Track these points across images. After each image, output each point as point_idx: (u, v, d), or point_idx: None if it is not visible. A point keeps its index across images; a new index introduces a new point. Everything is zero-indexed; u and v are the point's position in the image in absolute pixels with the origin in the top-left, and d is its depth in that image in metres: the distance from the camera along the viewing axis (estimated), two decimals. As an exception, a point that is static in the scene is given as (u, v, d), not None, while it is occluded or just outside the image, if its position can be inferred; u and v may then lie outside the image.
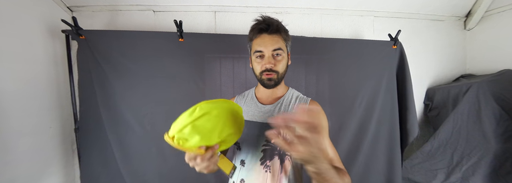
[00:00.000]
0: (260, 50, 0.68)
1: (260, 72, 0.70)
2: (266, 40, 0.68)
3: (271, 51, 0.67)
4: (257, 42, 0.69)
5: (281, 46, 0.68)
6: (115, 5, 1.31)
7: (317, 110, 0.42)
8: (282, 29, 0.69)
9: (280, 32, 0.69)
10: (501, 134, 1.25)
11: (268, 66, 0.67)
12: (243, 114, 0.74)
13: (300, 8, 1.43)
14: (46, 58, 1.16)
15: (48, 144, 1.15)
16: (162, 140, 1.38)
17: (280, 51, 0.68)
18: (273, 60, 0.68)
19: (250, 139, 0.72)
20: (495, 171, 1.25)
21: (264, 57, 0.69)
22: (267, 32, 0.68)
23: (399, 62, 1.43)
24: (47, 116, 1.15)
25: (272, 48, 0.67)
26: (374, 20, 1.54)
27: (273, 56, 0.68)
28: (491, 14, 1.51)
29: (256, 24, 0.70)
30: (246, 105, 0.79)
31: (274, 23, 0.68)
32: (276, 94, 0.77)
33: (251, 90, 0.86)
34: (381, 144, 1.41)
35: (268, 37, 0.68)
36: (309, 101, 0.75)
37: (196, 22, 1.39)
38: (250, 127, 0.72)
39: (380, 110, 1.39)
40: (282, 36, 0.69)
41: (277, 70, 0.69)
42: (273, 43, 0.67)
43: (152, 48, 1.23)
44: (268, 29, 0.67)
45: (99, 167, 1.24)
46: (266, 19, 0.68)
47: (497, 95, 1.27)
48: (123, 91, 1.22)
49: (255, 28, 0.69)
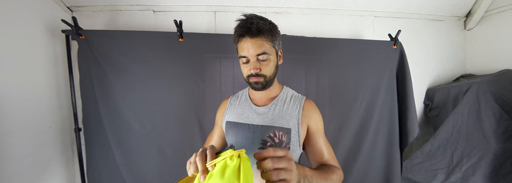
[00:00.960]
0: (244, 56, 0.65)
1: (247, 76, 0.68)
2: (249, 45, 0.63)
3: (255, 56, 0.64)
4: (240, 46, 0.66)
5: (266, 49, 0.64)
6: (115, 5, 1.31)
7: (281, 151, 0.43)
8: (264, 29, 0.63)
9: (263, 33, 0.63)
10: (501, 134, 1.25)
11: (253, 72, 0.65)
12: (238, 116, 0.73)
13: (300, 8, 1.43)
14: (46, 58, 1.16)
15: (48, 144, 1.15)
16: (162, 140, 1.37)
17: (264, 55, 0.64)
18: (258, 64, 0.65)
19: (245, 142, 0.69)
20: (495, 171, 1.25)
21: (249, 62, 0.66)
22: (248, 36, 0.63)
23: (399, 62, 1.43)
24: (47, 116, 1.15)
25: (255, 53, 0.63)
26: (374, 20, 1.54)
27: (258, 60, 0.65)
28: (491, 14, 1.51)
29: (236, 26, 0.65)
30: (240, 107, 0.77)
31: (253, 26, 0.61)
32: (270, 95, 0.75)
33: (244, 91, 0.83)
34: (381, 144, 1.41)
35: (250, 41, 0.63)
36: (304, 99, 0.73)
37: (196, 22, 1.39)
38: (245, 130, 0.70)
39: (380, 110, 1.39)
40: (266, 38, 0.64)
41: (263, 73, 0.66)
42: (256, 47, 0.63)
43: (152, 48, 1.23)
44: (249, 33, 0.62)
45: (99, 167, 1.24)
46: (247, 21, 0.63)
47: (497, 95, 1.27)
48: (123, 91, 1.22)
49: (236, 32, 0.65)
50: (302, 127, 0.68)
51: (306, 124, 0.69)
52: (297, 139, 0.67)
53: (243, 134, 0.70)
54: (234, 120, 0.73)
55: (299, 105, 0.71)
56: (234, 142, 0.71)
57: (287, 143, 0.66)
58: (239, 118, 0.73)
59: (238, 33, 0.64)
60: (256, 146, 0.67)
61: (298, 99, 0.73)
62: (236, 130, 0.72)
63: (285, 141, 0.66)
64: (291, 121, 0.68)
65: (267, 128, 0.67)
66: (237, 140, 0.71)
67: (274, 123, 0.67)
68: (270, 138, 0.66)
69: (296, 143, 0.67)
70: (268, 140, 0.66)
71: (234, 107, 0.78)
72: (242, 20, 0.64)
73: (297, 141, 0.67)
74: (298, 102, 0.72)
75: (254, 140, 0.68)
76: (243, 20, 0.64)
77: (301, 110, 0.69)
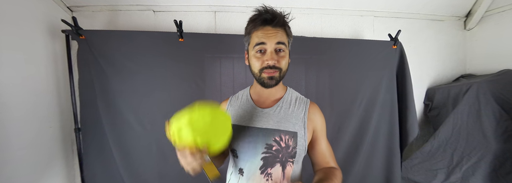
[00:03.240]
0: (263, 42, 0.59)
1: (260, 69, 0.61)
2: (270, 33, 0.59)
3: (274, 44, 0.59)
4: (258, 34, 0.60)
5: (285, 41, 0.61)
6: (115, 5, 1.31)
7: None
8: (287, 23, 0.62)
9: (285, 26, 0.61)
10: (501, 134, 1.25)
11: (271, 63, 0.59)
12: (239, 118, 0.68)
13: (300, 8, 1.43)
14: (46, 58, 1.16)
15: (48, 144, 1.15)
16: (162, 140, 1.37)
17: (283, 46, 0.60)
18: (276, 56, 0.60)
19: (248, 146, 0.64)
20: (495, 171, 1.25)
21: (266, 52, 0.60)
22: (271, 25, 0.59)
23: (399, 62, 1.43)
24: (47, 116, 1.15)
25: (276, 40, 0.59)
26: (374, 20, 1.54)
27: (276, 52, 0.60)
28: (491, 14, 1.51)
29: (257, 14, 0.61)
30: (242, 108, 0.70)
31: (280, 15, 0.60)
32: (275, 96, 0.70)
33: (245, 91, 0.76)
34: (380, 144, 1.41)
35: (272, 30, 0.59)
36: (309, 102, 0.70)
37: (196, 22, 1.39)
38: (247, 133, 0.64)
39: (380, 110, 1.39)
40: (287, 31, 0.62)
41: (280, 66, 0.61)
42: (277, 36, 0.59)
43: (152, 48, 1.23)
44: (274, 21, 0.59)
45: (99, 167, 1.24)
46: (268, 11, 0.60)
47: (497, 95, 1.27)
48: (123, 91, 1.22)
49: (257, 19, 0.60)
50: (308, 131, 0.65)
51: (311, 128, 0.66)
52: (304, 144, 0.64)
53: (245, 138, 0.65)
54: (235, 123, 0.68)
55: (304, 108, 0.67)
56: (235, 146, 0.66)
57: (294, 147, 0.62)
58: (241, 120, 0.68)
59: (261, 19, 0.60)
60: (260, 151, 0.62)
61: (303, 102, 0.70)
62: (238, 133, 0.66)
63: (292, 146, 0.62)
64: (297, 125, 0.64)
65: (272, 132, 0.62)
66: (239, 144, 0.65)
67: (279, 126, 0.63)
68: (276, 142, 0.62)
69: (302, 147, 0.63)
70: (273, 144, 0.62)
71: (235, 109, 0.72)
72: (263, 9, 0.61)
73: (303, 145, 0.64)
74: (303, 105, 0.68)
75: (258, 144, 0.63)
76: (264, 9, 0.61)
77: (307, 113, 0.67)
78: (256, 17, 0.61)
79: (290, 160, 0.62)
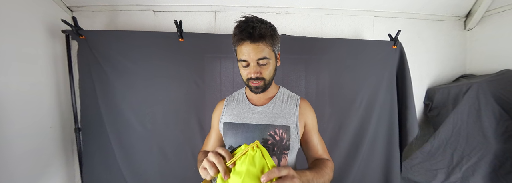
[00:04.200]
0: (245, 59, 0.64)
1: (246, 79, 0.68)
2: (249, 49, 0.62)
3: (255, 60, 0.63)
4: (240, 49, 0.64)
5: (266, 54, 0.64)
6: (115, 5, 1.31)
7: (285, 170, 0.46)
8: (266, 34, 0.62)
9: (264, 38, 0.62)
10: (501, 134, 1.25)
11: (254, 75, 0.65)
12: (236, 117, 0.74)
13: (300, 8, 1.43)
14: (46, 58, 1.16)
15: (48, 144, 1.16)
16: (162, 140, 1.36)
17: (265, 60, 0.64)
18: (259, 68, 0.65)
19: (244, 142, 0.68)
20: (495, 171, 1.25)
21: (249, 65, 0.65)
22: (249, 41, 0.61)
23: (399, 62, 1.43)
24: (47, 116, 1.15)
25: (256, 57, 0.62)
26: (374, 20, 1.54)
27: (259, 64, 0.65)
28: (491, 14, 1.51)
29: (236, 29, 0.63)
30: (238, 107, 0.77)
31: (255, 31, 0.60)
32: (268, 95, 0.77)
33: (241, 91, 0.83)
34: (380, 144, 1.41)
35: (251, 46, 0.62)
36: (300, 98, 0.76)
37: (196, 22, 1.39)
38: (244, 130, 0.70)
39: (380, 110, 1.39)
40: (267, 42, 0.63)
41: (263, 77, 0.66)
42: (257, 52, 0.62)
43: (152, 48, 1.23)
44: (250, 38, 0.61)
45: (99, 167, 1.24)
46: (248, 25, 0.61)
47: (497, 95, 1.27)
48: (123, 91, 1.22)
49: (236, 35, 0.63)
50: (300, 125, 0.71)
51: (303, 122, 0.73)
52: (296, 136, 0.70)
53: (242, 134, 0.70)
54: (233, 121, 0.73)
55: (296, 104, 0.74)
56: (233, 142, 0.71)
57: (287, 140, 0.68)
58: (238, 118, 0.73)
59: (239, 37, 0.62)
60: None
61: (295, 98, 0.76)
62: (235, 130, 0.72)
63: (286, 138, 0.68)
64: (289, 119, 0.71)
65: (267, 127, 0.69)
66: (236, 141, 0.70)
67: (274, 122, 0.70)
68: (271, 136, 0.68)
69: (295, 140, 0.70)
70: (269, 138, 0.68)
71: (232, 108, 0.77)
72: (242, 23, 0.62)
73: (296, 137, 0.70)
74: (295, 101, 0.75)
75: (254, 139, 0.68)
76: (243, 23, 0.62)
77: (298, 108, 0.73)
78: (236, 33, 0.63)
79: (284, 152, 0.68)
